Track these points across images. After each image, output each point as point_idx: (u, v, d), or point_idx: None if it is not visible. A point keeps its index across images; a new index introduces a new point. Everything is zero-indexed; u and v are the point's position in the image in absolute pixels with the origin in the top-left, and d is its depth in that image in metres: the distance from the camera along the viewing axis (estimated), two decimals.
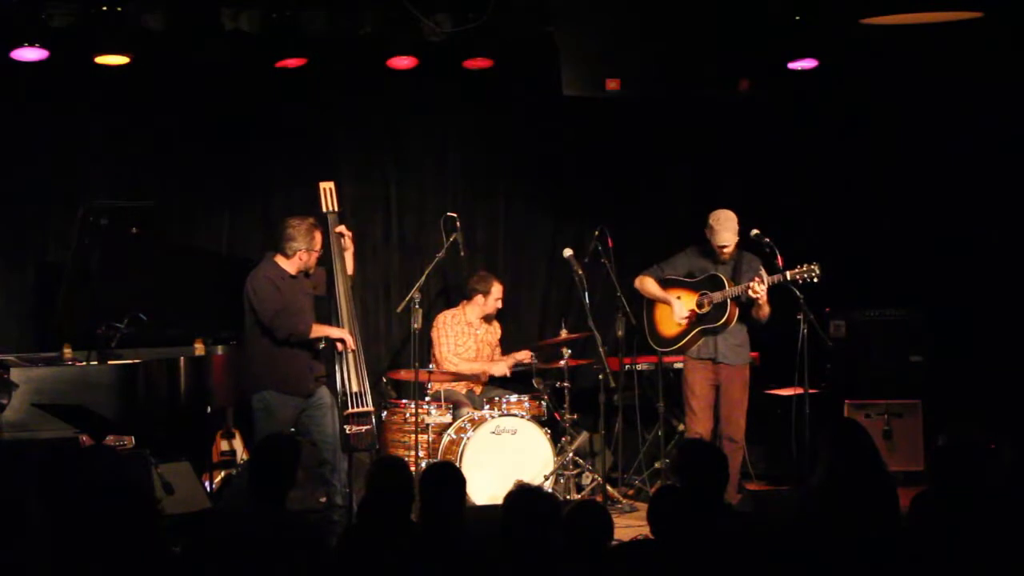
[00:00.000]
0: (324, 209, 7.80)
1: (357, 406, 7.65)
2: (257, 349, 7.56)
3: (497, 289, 8.92)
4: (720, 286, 7.93)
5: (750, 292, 7.77)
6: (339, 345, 7.61)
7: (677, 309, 8.05)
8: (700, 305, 8.00)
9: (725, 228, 7.85)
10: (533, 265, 9.74)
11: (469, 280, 9.04)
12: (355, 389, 7.64)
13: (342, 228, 7.81)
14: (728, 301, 7.90)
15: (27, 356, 7.64)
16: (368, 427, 7.70)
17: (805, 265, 7.66)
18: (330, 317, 7.83)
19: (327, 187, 7.87)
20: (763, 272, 7.77)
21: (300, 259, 7.55)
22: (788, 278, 7.66)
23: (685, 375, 8.13)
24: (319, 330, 7.59)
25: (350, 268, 7.84)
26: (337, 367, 7.66)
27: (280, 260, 7.57)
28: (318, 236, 7.58)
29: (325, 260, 7.76)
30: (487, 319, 8.96)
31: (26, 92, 8.38)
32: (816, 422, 7.47)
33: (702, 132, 9.45)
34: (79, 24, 7.74)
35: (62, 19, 7.68)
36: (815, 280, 7.67)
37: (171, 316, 8.11)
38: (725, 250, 7.92)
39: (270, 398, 7.49)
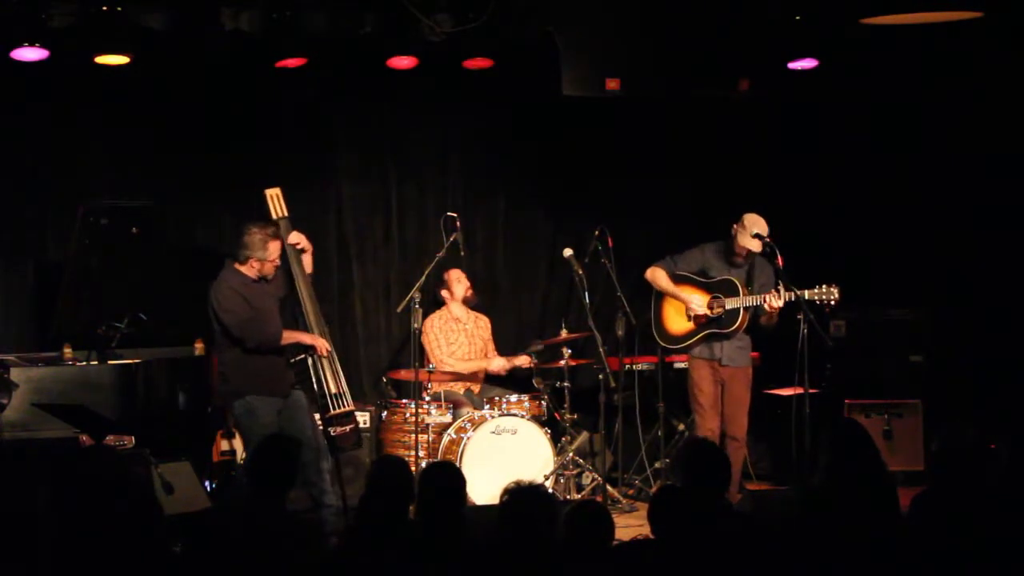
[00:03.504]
0: (274, 215, 7.73)
1: (338, 407, 7.64)
2: (230, 357, 7.48)
3: (453, 274, 8.86)
4: (735, 292, 7.89)
5: (767, 306, 7.75)
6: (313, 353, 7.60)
7: (695, 304, 7.98)
8: (711, 307, 7.96)
9: (751, 235, 7.83)
10: (533, 265, 9.74)
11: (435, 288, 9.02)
12: (333, 391, 7.64)
13: (298, 237, 7.72)
14: (741, 309, 7.87)
15: (27, 356, 7.65)
16: (352, 426, 7.71)
17: (824, 287, 7.65)
18: (296, 323, 7.78)
19: (273, 193, 7.77)
20: (781, 287, 7.73)
21: (253, 267, 7.47)
22: (806, 297, 7.65)
23: (691, 373, 8.09)
24: (290, 336, 7.55)
25: (308, 267, 7.78)
26: (312, 373, 7.63)
27: (239, 266, 7.51)
28: (272, 246, 7.45)
29: (283, 265, 7.68)
30: (468, 304, 8.93)
31: (26, 92, 8.38)
32: (816, 422, 7.46)
33: (702, 132, 9.44)
34: (79, 24, 7.73)
35: (62, 19, 7.67)
36: (832, 303, 7.68)
37: (171, 316, 8.11)
38: (744, 254, 7.90)
39: (253, 402, 7.43)
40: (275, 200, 7.78)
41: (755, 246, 7.83)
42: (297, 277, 7.67)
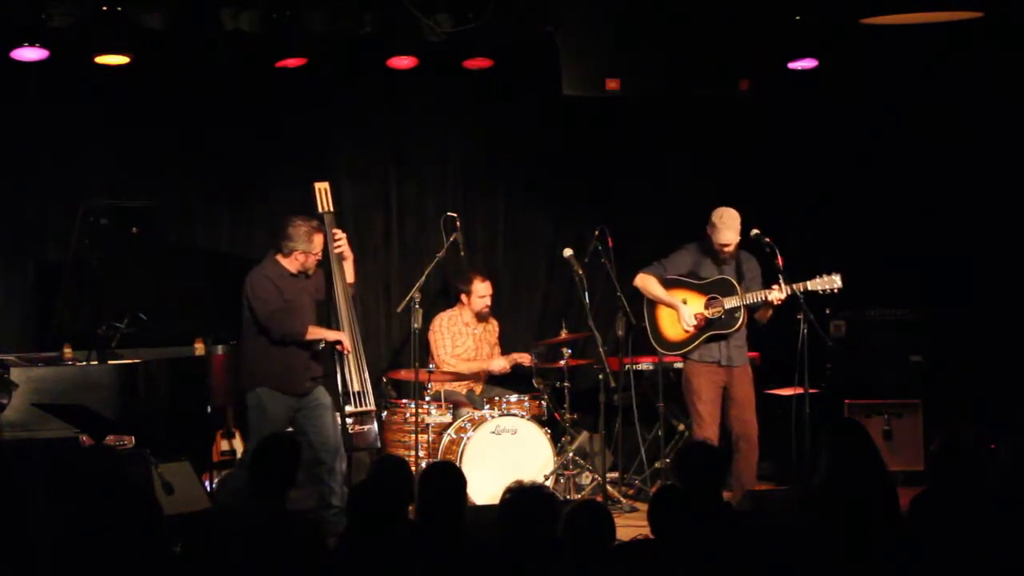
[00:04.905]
0: (320, 210, 7.84)
1: (359, 405, 7.68)
2: (252, 346, 7.59)
3: (481, 287, 8.89)
4: (731, 290, 7.85)
5: (772, 300, 7.71)
6: (337, 347, 7.65)
7: (685, 315, 7.92)
8: (708, 307, 7.92)
9: (728, 227, 7.78)
10: (533, 265, 9.74)
11: (456, 281, 9.05)
12: (356, 388, 7.67)
13: (341, 241, 7.80)
14: (742, 307, 7.82)
15: (27, 356, 7.64)
16: (370, 426, 7.73)
17: (826, 275, 7.63)
18: (329, 319, 7.84)
19: (322, 187, 7.89)
20: (782, 280, 7.70)
21: (297, 259, 7.57)
22: (809, 288, 7.63)
23: (689, 379, 7.97)
24: (315, 332, 7.61)
25: (350, 277, 7.86)
26: (337, 367, 7.68)
27: (280, 258, 7.59)
28: (317, 239, 7.58)
29: (323, 262, 7.78)
30: (480, 317, 8.96)
31: (26, 92, 8.38)
32: (816, 422, 7.46)
33: (702, 132, 9.44)
34: (79, 24, 7.73)
35: (62, 19, 7.67)
36: (835, 292, 7.65)
37: (171, 316, 8.12)
38: (726, 249, 7.85)
39: (264, 395, 7.51)
40: (323, 194, 7.87)
41: (733, 239, 7.79)
42: (335, 275, 7.76)
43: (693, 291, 8.00)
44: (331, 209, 7.88)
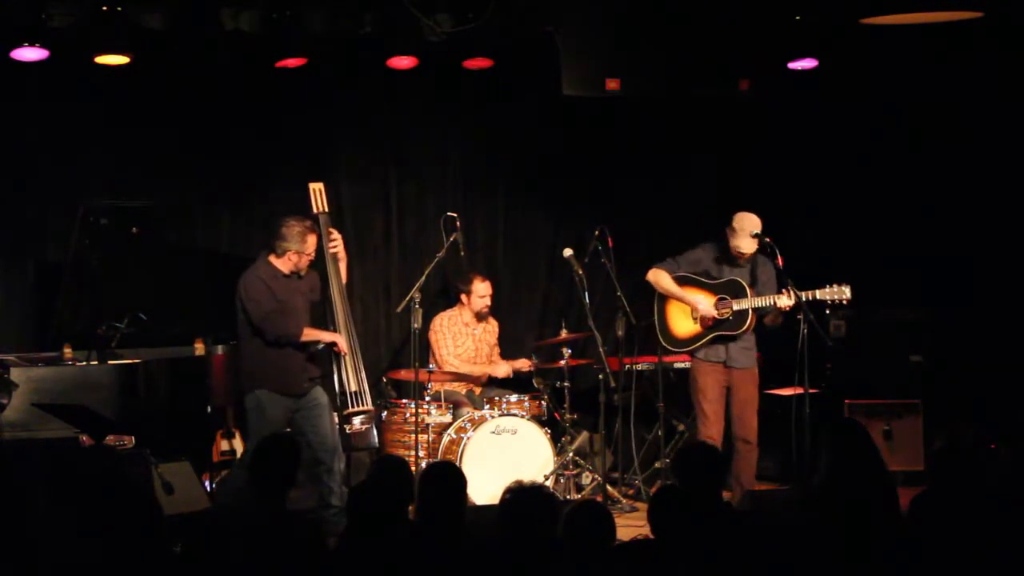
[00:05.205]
0: (315, 210, 7.85)
1: (356, 405, 7.69)
2: (249, 348, 7.59)
3: (481, 287, 8.88)
4: (742, 293, 7.83)
5: (781, 306, 7.70)
6: (334, 349, 7.66)
7: (703, 305, 7.89)
8: (716, 307, 7.90)
9: (747, 233, 7.79)
10: (533, 265, 9.74)
11: (456, 281, 9.06)
12: (354, 388, 7.69)
13: (336, 240, 7.81)
14: (750, 310, 7.82)
15: (27, 356, 7.65)
16: (367, 426, 7.73)
17: (836, 286, 7.63)
18: (325, 319, 7.84)
19: (316, 188, 7.91)
20: (791, 287, 7.68)
21: (290, 260, 7.56)
22: (818, 297, 7.63)
23: (696, 378, 7.98)
24: (311, 334, 7.61)
25: (343, 276, 7.86)
26: (334, 367, 7.69)
27: (273, 259, 7.58)
28: (311, 240, 7.58)
29: (319, 263, 7.78)
30: (479, 317, 8.95)
31: (26, 92, 8.38)
32: (816, 422, 7.46)
33: (702, 132, 9.44)
34: (79, 24, 7.73)
35: (62, 19, 7.67)
36: (844, 303, 7.66)
37: (171, 316, 8.12)
38: (743, 256, 7.87)
39: (262, 397, 7.51)
40: (317, 195, 7.90)
41: (749, 247, 7.79)
42: (331, 276, 7.78)
43: (704, 290, 7.98)
44: (326, 210, 7.90)
